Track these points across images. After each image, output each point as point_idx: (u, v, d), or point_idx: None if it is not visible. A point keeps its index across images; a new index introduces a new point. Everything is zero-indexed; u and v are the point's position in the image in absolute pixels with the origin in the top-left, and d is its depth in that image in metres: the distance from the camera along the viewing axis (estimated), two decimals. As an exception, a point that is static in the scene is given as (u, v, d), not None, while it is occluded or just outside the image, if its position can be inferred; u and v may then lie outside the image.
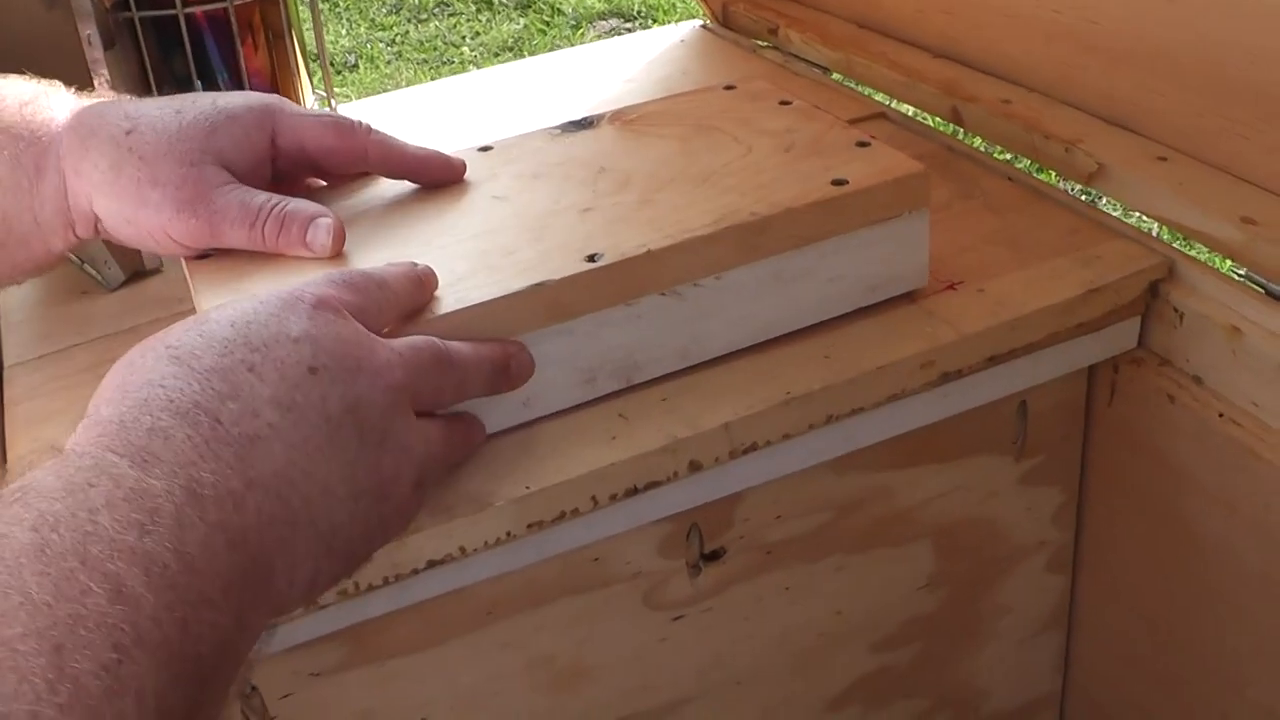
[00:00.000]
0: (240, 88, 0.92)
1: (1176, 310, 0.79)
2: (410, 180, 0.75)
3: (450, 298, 0.64)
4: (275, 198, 0.70)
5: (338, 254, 0.69)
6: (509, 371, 0.64)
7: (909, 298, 0.76)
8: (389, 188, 0.75)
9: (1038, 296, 0.76)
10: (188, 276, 0.70)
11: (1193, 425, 0.79)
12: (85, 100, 0.73)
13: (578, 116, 0.82)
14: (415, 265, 0.64)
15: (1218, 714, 0.84)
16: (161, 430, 0.48)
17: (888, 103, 1.08)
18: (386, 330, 0.60)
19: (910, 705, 0.92)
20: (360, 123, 0.74)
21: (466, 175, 0.76)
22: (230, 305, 0.55)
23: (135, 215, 0.69)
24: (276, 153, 0.73)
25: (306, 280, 0.57)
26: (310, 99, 0.99)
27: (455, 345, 0.61)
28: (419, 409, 0.58)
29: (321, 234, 0.69)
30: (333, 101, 1.01)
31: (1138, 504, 0.86)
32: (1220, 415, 0.77)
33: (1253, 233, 0.78)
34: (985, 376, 0.76)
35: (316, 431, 0.52)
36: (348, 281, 0.58)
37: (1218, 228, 0.81)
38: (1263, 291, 0.78)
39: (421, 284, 0.63)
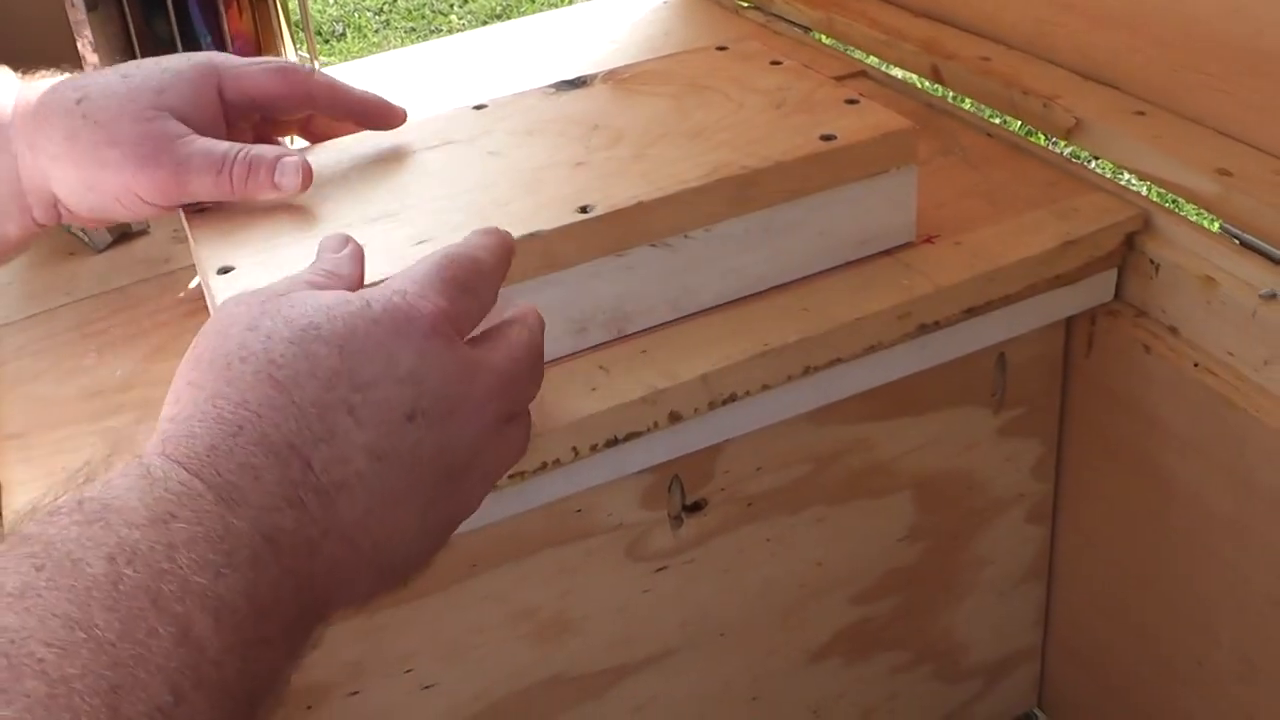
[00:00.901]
0: (223, 50, 0.92)
1: (1153, 262, 0.80)
2: (354, 122, 0.75)
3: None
4: (234, 145, 0.70)
5: (305, 189, 0.69)
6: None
7: (887, 251, 0.77)
8: (385, 143, 0.76)
9: (1015, 249, 0.77)
10: (188, 231, 0.71)
11: (1169, 375, 0.80)
12: (30, 81, 0.73)
13: (564, 77, 0.83)
14: (499, 231, 0.60)
15: (1193, 660, 0.85)
16: (253, 469, 0.47)
17: (868, 61, 1.08)
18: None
19: (891, 657, 0.93)
20: (303, 65, 0.74)
21: (462, 133, 0.77)
22: (340, 306, 0.52)
23: (96, 179, 0.69)
24: (225, 106, 0.73)
25: (422, 288, 0.54)
26: (293, 60, 0.99)
27: (537, 322, 0.59)
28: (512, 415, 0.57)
29: (289, 173, 0.69)
30: (316, 64, 1.01)
31: (1116, 454, 0.87)
32: (1195, 365, 0.78)
33: (1228, 185, 0.79)
34: (963, 328, 0.77)
35: (401, 481, 0.51)
36: (460, 282, 0.55)
37: (1194, 180, 0.81)
38: (1237, 243, 0.78)
39: (510, 252, 0.61)
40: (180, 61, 0.72)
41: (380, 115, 0.75)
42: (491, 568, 0.73)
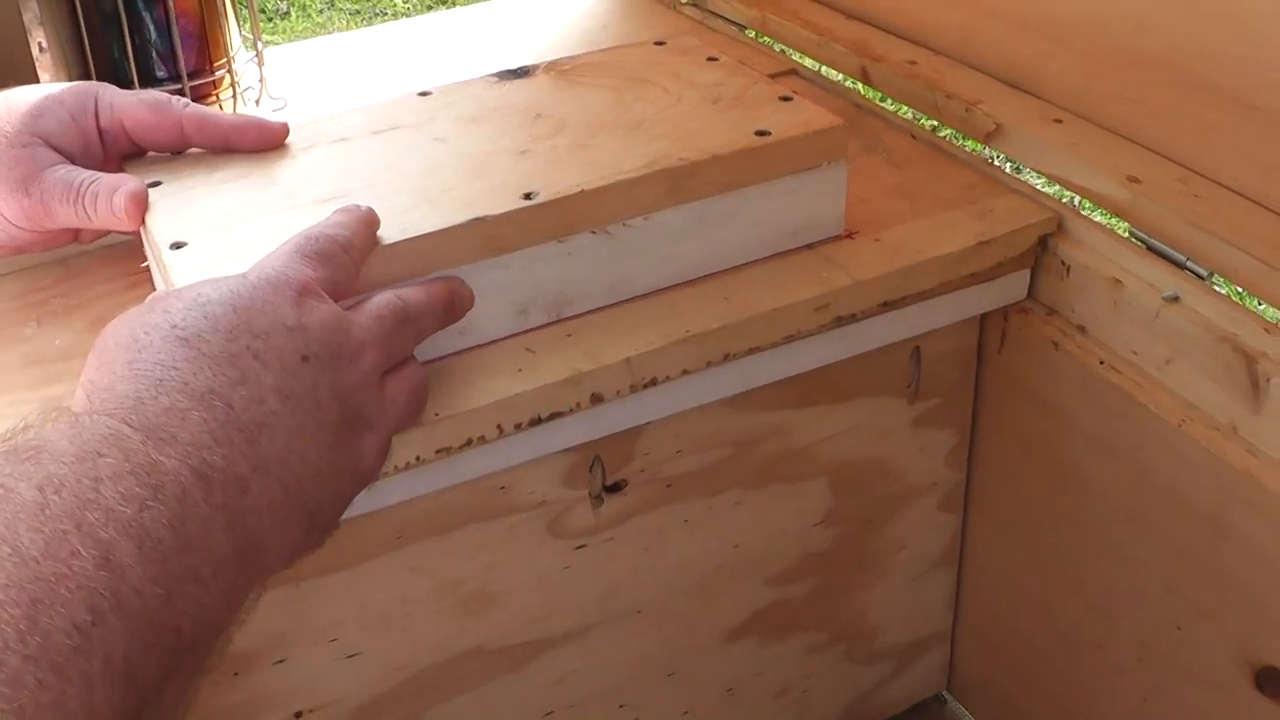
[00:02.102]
0: (168, 29, 0.93)
1: (1064, 263, 0.83)
2: (230, 149, 0.77)
3: (393, 229, 0.67)
4: (93, 175, 0.72)
5: (138, 221, 0.71)
6: (454, 306, 0.67)
7: (809, 245, 0.79)
8: (336, 130, 0.78)
9: (932, 246, 0.80)
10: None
11: (1076, 371, 0.83)
12: None
13: (505, 67, 0.85)
14: (360, 207, 0.66)
15: (1093, 644, 0.89)
16: (179, 411, 0.50)
17: (800, 60, 1.11)
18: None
19: (806, 638, 0.96)
20: (176, 98, 0.76)
21: (408, 119, 0.79)
22: (221, 283, 0.56)
23: None
24: (101, 133, 0.75)
25: (286, 261, 0.59)
26: (238, 42, 1.01)
27: (409, 293, 0.64)
28: (389, 368, 0.61)
29: (119, 201, 0.71)
30: (260, 45, 1.03)
31: (1025, 446, 0.90)
32: (1101, 362, 0.81)
33: (1136, 191, 0.83)
34: (879, 321, 0.80)
35: (309, 418, 0.55)
36: (320, 254, 0.61)
37: (1105, 186, 0.85)
38: (1143, 246, 0.82)
39: (371, 225, 0.66)
40: (61, 89, 0.75)
41: (253, 137, 0.76)
42: (418, 540, 0.75)
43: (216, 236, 0.68)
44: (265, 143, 0.76)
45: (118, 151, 0.77)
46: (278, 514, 0.53)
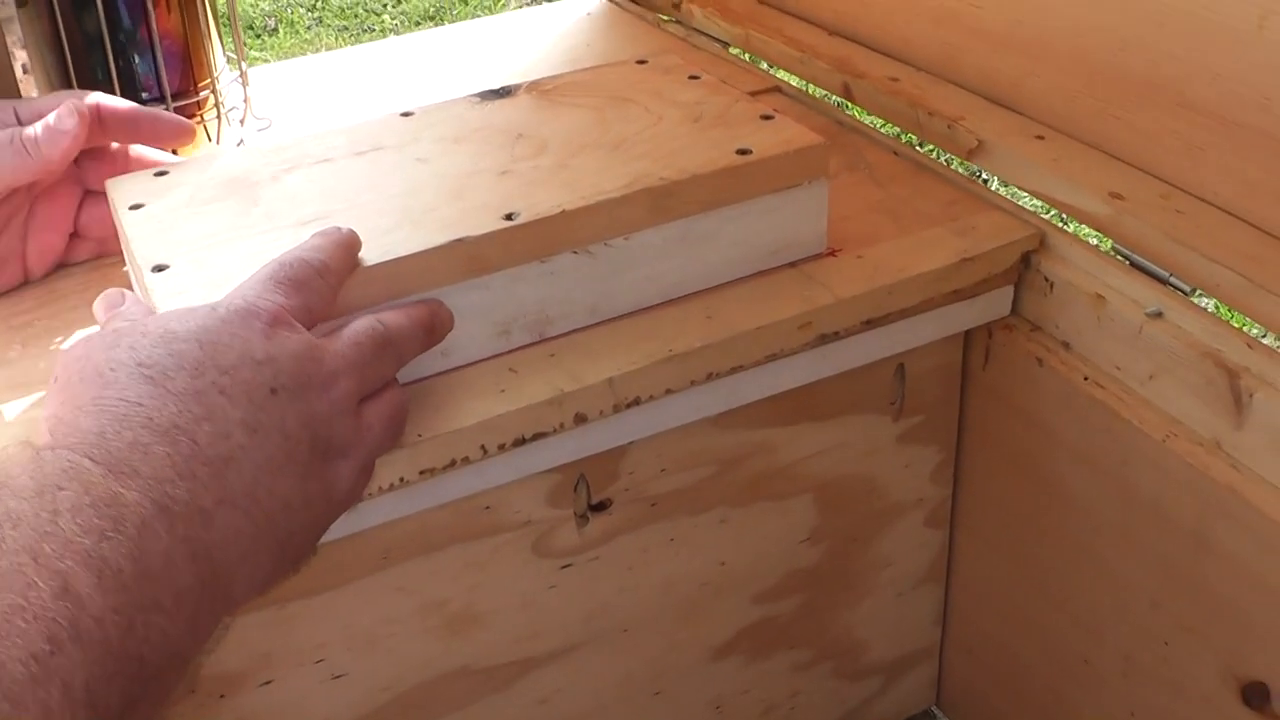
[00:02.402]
0: (151, 48, 0.93)
1: (1047, 279, 0.83)
2: (141, 141, 0.79)
3: (374, 251, 0.67)
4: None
5: (84, 130, 0.74)
6: (434, 329, 0.67)
7: (791, 263, 0.80)
8: (319, 150, 0.78)
9: (914, 264, 0.80)
10: (120, 227, 0.73)
11: (1060, 388, 0.83)
12: None
13: (490, 85, 0.85)
14: (340, 230, 0.66)
15: (1080, 659, 0.89)
16: (141, 445, 0.50)
17: (782, 77, 1.11)
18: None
19: (792, 656, 0.96)
20: (79, 94, 0.78)
21: (391, 139, 0.79)
22: (189, 318, 0.56)
23: None
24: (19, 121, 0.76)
25: (259, 290, 0.59)
26: (222, 63, 1.01)
27: (389, 317, 0.64)
28: (367, 394, 0.61)
29: (65, 119, 0.74)
30: (243, 65, 1.03)
31: (1010, 462, 0.90)
32: (1085, 378, 0.81)
33: (1119, 207, 0.83)
34: (862, 339, 0.80)
35: (278, 450, 0.55)
36: (294, 281, 0.61)
37: (1087, 202, 0.85)
38: (1126, 262, 0.82)
39: (351, 248, 0.66)
40: (44, 105, 0.76)
41: (166, 127, 0.79)
42: (402, 561, 0.75)
43: (199, 259, 0.68)
44: (171, 137, 0.79)
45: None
46: (244, 546, 0.53)
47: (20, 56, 0.88)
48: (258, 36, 3.68)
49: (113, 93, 0.92)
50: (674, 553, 0.85)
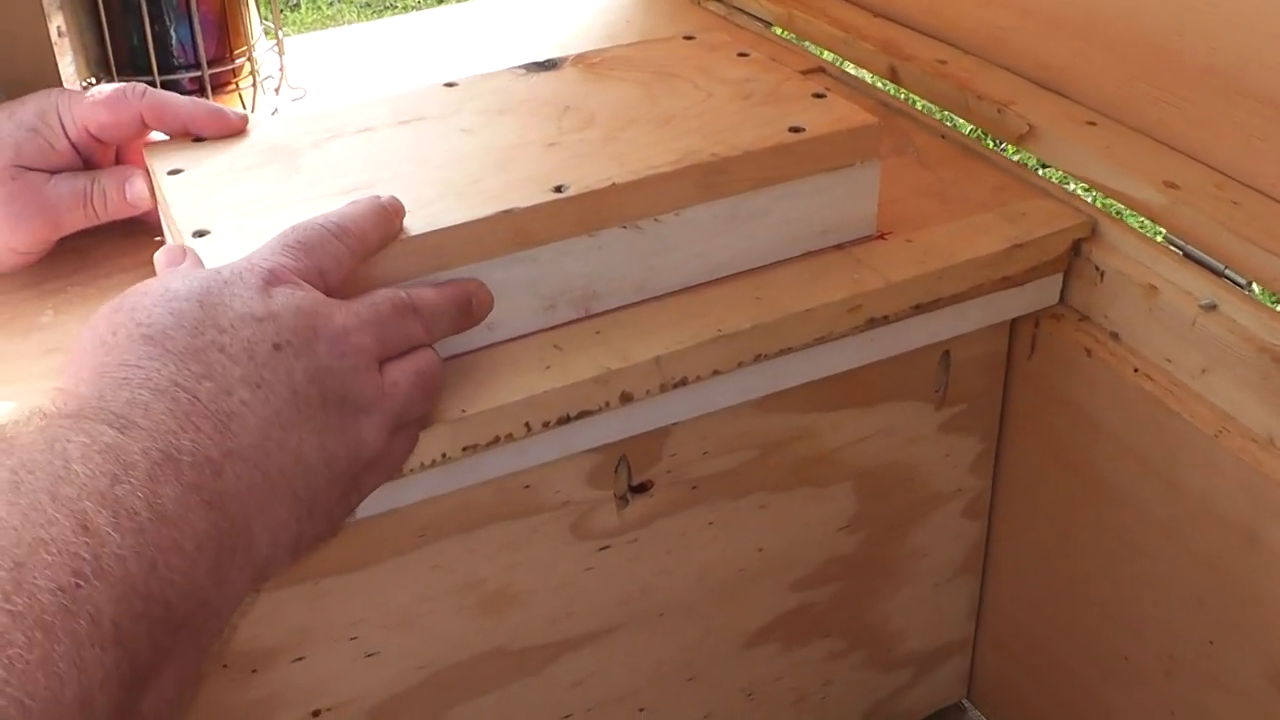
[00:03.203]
0: (188, 17, 0.92)
1: (1097, 268, 0.82)
2: (189, 135, 0.77)
3: (418, 222, 0.66)
4: (90, 174, 0.76)
5: (153, 201, 0.74)
6: (471, 309, 0.66)
7: (839, 245, 0.78)
8: (361, 119, 0.77)
9: (964, 249, 0.79)
10: (161, 194, 0.72)
11: (1109, 379, 0.82)
12: None
13: (522, 61, 0.84)
14: (378, 198, 0.65)
15: (1119, 656, 0.88)
16: (141, 403, 0.50)
17: (826, 58, 1.10)
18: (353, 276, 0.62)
19: (826, 644, 0.95)
20: (133, 88, 0.76)
21: (434, 109, 0.78)
22: (190, 278, 0.56)
23: None
24: (72, 143, 0.76)
25: (265, 252, 0.59)
26: (258, 31, 1.00)
27: (418, 291, 0.63)
28: (389, 357, 0.60)
29: (138, 186, 0.75)
30: (280, 33, 1.01)
31: (1053, 454, 0.89)
32: (1135, 370, 0.80)
33: (1173, 196, 0.81)
34: (910, 324, 0.79)
35: (286, 405, 0.54)
36: (301, 242, 0.60)
37: (1140, 190, 0.83)
38: (1180, 253, 0.81)
39: (388, 215, 0.64)
40: (28, 112, 0.76)
41: (211, 127, 0.76)
42: (440, 539, 0.74)
43: (239, 225, 0.67)
44: (222, 132, 0.76)
45: (94, 151, 0.78)
46: (259, 498, 0.53)
47: (56, 19, 0.87)
48: (281, 10, 3.67)
49: (147, 58, 0.91)
50: (713, 537, 0.84)
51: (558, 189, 0.69)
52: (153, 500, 0.47)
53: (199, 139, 0.76)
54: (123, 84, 0.77)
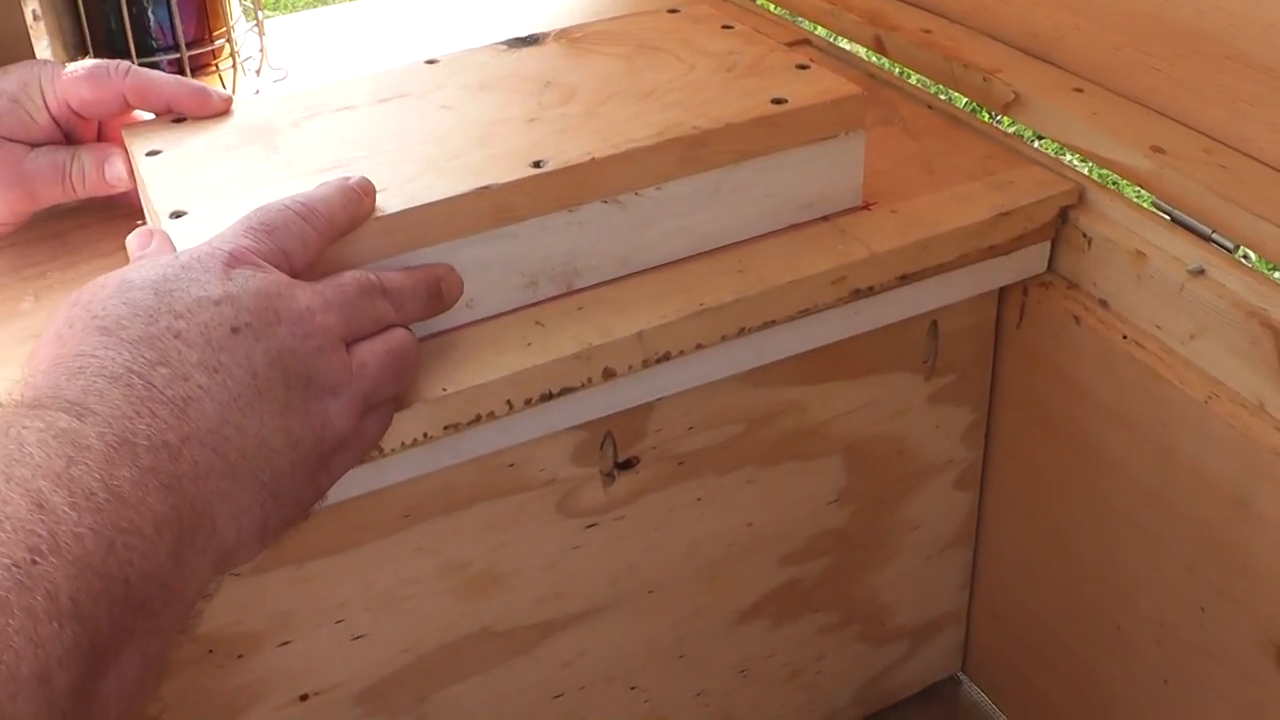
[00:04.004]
0: (166, 2, 0.91)
1: (1085, 235, 0.81)
2: (171, 114, 0.76)
3: (397, 199, 0.65)
4: (70, 150, 0.75)
5: (132, 182, 0.74)
6: (440, 294, 0.66)
7: (825, 216, 0.77)
8: (341, 98, 0.76)
9: (950, 218, 0.78)
10: (139, 175, 0.71)
11: (1098, 347, 0.81)
12: None
13: (511, 35, 0.83)
14: (348, 179, 0.64)
15: (1111, 625, 0.87)
16: (96, 390, 0.50)
17: (813, 30, 1.09)
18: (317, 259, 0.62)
19: (818, 619, 0.94)
20: (116, 65, 0.75)
21: (415, 86, 0.77)
22: (148, 266, 0.56)
23: None
24: (53, 116, 0.76)
25: (225, 235, 0.58)
26: (238, 12, 0.99)
27: (387, 274, 0.62)
28: (357, 338, 0.60)
29: (117, 166, 0.75)
30: (260, 14, 1.00)
31: (1044, 423, 0.88)
32: (1124, 337, 0.79)
33: (1161, 161, 0.81)
34: (896, 295, 0.78)
35: (245, 388, 0.54)
36: (264, 224, 0.59)
37: (1128, 157, 0.83)
38: (1168, 218, 0.80)
39: (357, 195, 0.64)
40: (6, 81, 0.75)
41: (194, 106, 0.75)
42: (424, 520, 0.73)
43: (216, 205, 0.66)
44: (205, 112, 0.75)
45: (75, 126, 0.77)
46: (221, 484, 0.52)
47: (31, 2, 0.86)
48: (270, -6, 3.65)
49: (124, 40, 0.91)
50: (701, 513, 0.83)
51: (537, 164, 0.68)
52: (109, 482, 0.46)
53: (180, 119, 0.75)
54: (105, 60, 0.76)
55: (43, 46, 0.86)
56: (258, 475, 0.53)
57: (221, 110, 0.75)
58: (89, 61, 0.76)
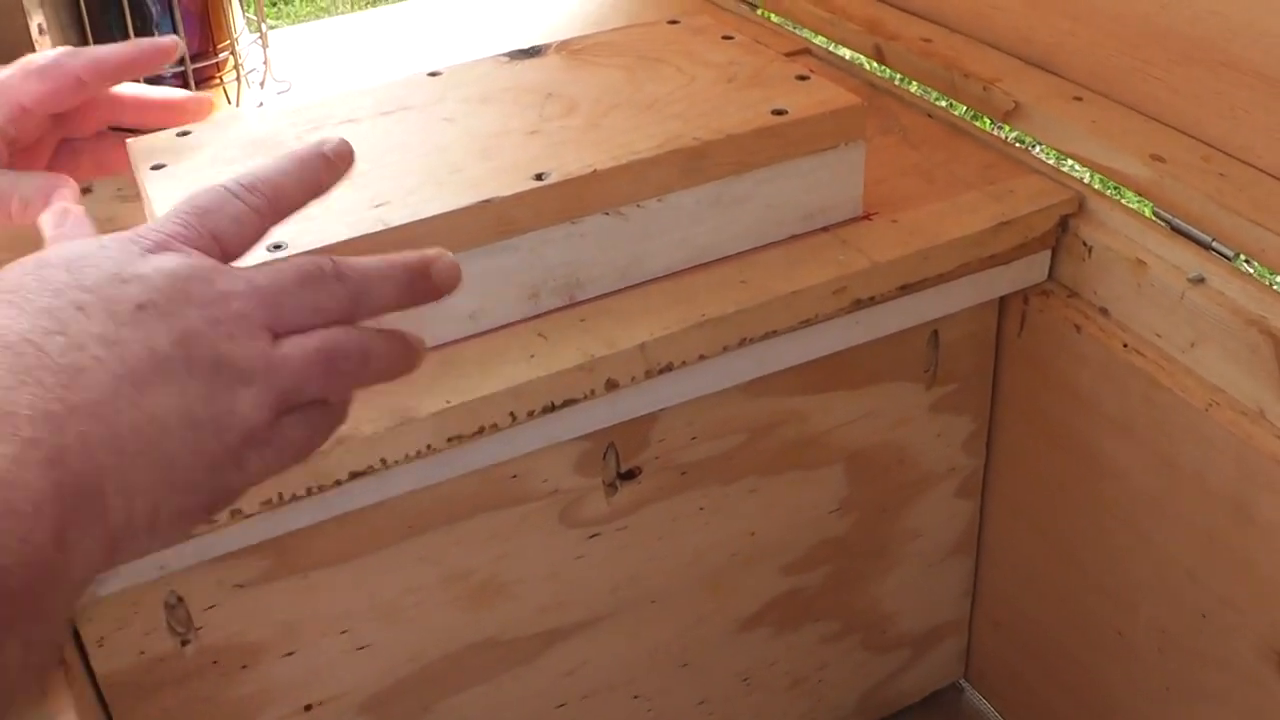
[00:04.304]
0: (169, 10, 0.91)
1: (1085, 244, 0.82)
2: (131, 76, 0.75)
3: (399, 212, 0.65)
4: (14, 176, 0.71)
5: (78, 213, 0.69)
6: (430, 278, 0.59)
7: (825, 227, 0.78)
8: (344, 110, 0.76)
9: (950, 228, 0.78)
10: (143, 189, 0.71)
11: (1098, 355, 0.82)
12: None
13: (513, 47, 0.84)
14: (322, 142, 0.59)
15: (1114, 632, 0.87)
16: None
17: (813, 40, 1.09)
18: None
19: (820, 627, 0.95)
20: (69, 51, 0.73)
21: (417, 99, 0.77)
22: (67, 246, 0.54)
23: None
24: (10, 120, 0.73)
25: (156, 220, 0.56)
26: (241, 24, 0.99)
27: (349, 260, 0.57)
28: (290, 330, 0.55)
29: (65, 201, 0.69)
30: (264, 26, 1.01)
31: (1045, 431, 0.89)
32: (1124, 345, 0.80)
33: (1160, 170, 0.81)
34: (897, 305, 0.78)
35: (142, 364, 0.51)
36: (196, 208, 0.56)
37: (1127, 165, 0.83)
38: (1167, 227, 0.80)
39: (318, 164, 0.59)
40: None
41: (146, 61, 0.74)
42: (427, 530, 0.74)
43: None
44: (159, 60, 0.73)
45: (36, 126, 0.74)
46: (109, 459, 0.49)
47: (36, 16, 0.86)
48: (273, 4, 3.66)
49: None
50: (703, 522, 0.83)
51: (539, 176, 0.69)
52: None
53: (185, 132, 0.75)
54: (56, 50, 0.73)
55: (47, 60, 0.87)
56: (149, 454, 0.50)
57: (172, 53, 0.74)
58: (36, 56, 0.74)
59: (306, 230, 0.64)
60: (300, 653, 0.74)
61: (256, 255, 0.62)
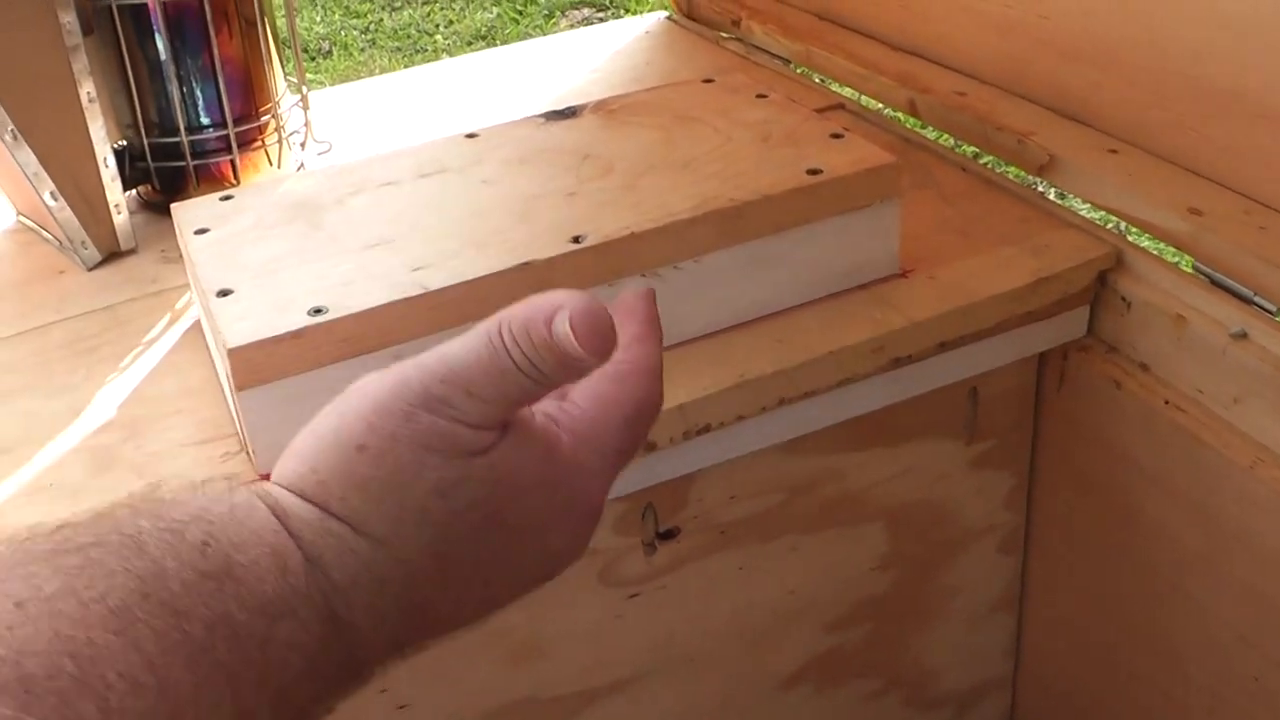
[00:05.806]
0: (213, 75, 0.93)
1: (1124, 299, 0.81)
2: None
3: (439, 275, 0.66)
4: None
5: None
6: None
7: (862, 285, 0.78)
8: (384, 173, 0.77)
9: (988, 284, 0.78)
10: (186, 252, 0.72)
11: (1139, 411, 0.81)
12: None
13: (549, 105, 0.84)
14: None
15: (1160, 693, 0.86)
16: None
17: (846, 94, 1.09)
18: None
19: (862, 685, 0.94)
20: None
21: (455, 161, 0.78)
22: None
23: None
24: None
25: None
26: (283, 87, 1.00)
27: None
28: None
29: None
30: (304, 89, 1.02)
31: (1086, 488, 0.88)
32: (1166, 402, 0.79)
33: (1198, 223, 0.80)
34: (935, 362, 0.78)
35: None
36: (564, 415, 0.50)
37: (1165, 219, 0.83)
38: (1208, 281, 0.80)
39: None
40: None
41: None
42: (467, 591, 0.74)
43: (262, 283, 0.67)
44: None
45: None
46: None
47: (86, 85, 0.87)
48: (312, 59, 3.70)
49: (173, 119, 0.92)
50: (743, 581, 0.83)
51: (576, 239, 0.69)
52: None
53: (228, 196, 0.76)
54: None
55: (97, 127, 0.88)
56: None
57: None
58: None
59: (348, 295, 0.65)
60: (340, 713, 0.74)
61: (297, 317, 0.63)
